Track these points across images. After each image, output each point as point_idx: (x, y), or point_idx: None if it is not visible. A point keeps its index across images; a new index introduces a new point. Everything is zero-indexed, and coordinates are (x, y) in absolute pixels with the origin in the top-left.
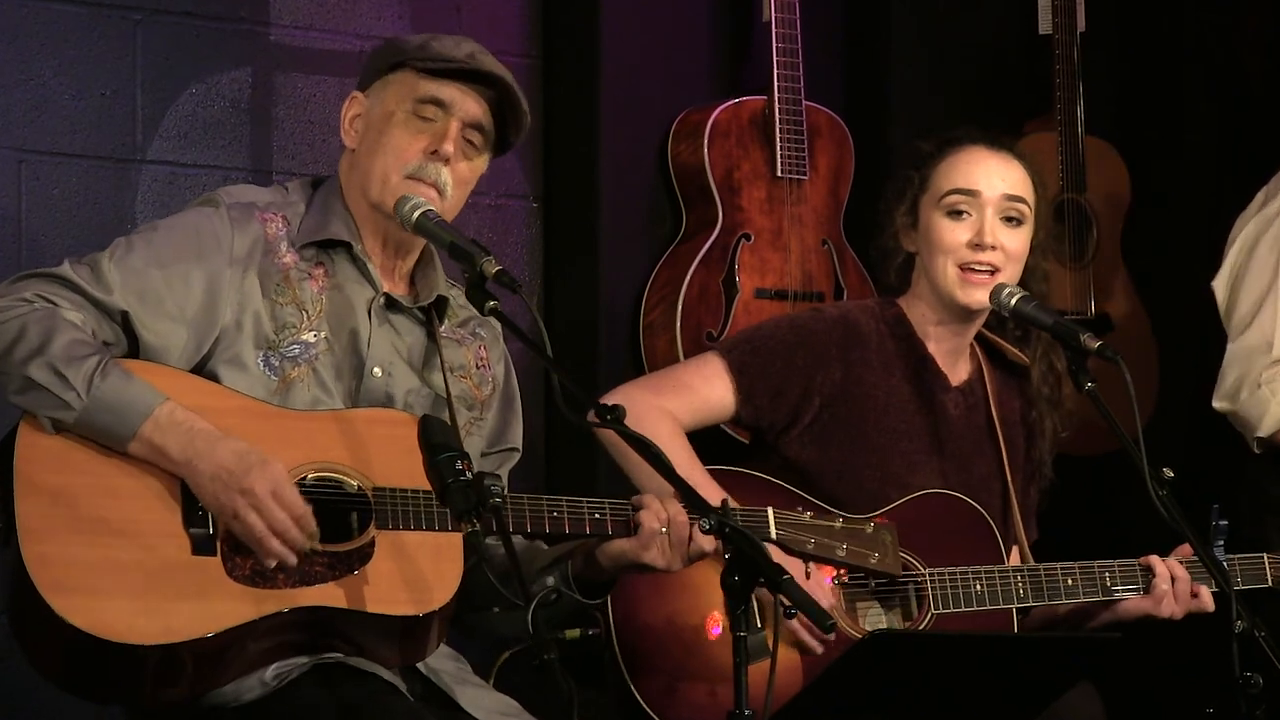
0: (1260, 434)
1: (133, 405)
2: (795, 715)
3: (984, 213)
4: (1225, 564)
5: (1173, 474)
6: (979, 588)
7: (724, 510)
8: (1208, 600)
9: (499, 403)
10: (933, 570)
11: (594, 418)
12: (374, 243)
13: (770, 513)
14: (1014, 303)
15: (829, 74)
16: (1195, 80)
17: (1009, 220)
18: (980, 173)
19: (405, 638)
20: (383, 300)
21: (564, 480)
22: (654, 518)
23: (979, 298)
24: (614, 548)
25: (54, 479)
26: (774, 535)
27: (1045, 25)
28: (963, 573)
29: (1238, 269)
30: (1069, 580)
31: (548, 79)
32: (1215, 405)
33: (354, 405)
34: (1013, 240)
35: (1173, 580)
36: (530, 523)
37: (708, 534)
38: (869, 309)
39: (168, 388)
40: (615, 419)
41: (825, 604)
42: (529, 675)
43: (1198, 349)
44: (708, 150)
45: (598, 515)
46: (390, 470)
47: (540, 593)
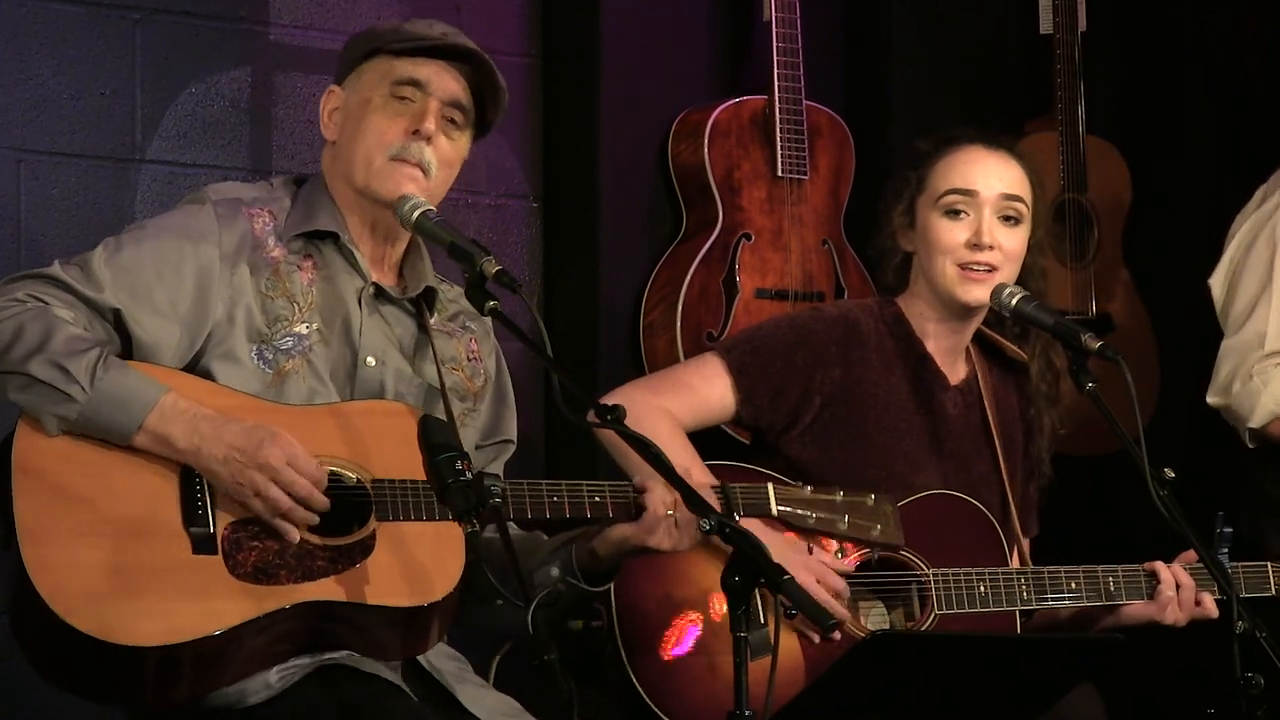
0: (1251, 425)
1: (137, 396)
2: (797, 715)
3: (981, 212)
4: (1229, 570)
5: (1173, 474)
6: (982, 589)
7: (723, 490)
8: (1211, 607)
9: (491, 396)
10: (936, 571)
11: (594, 418)
12: (362, 231)
13: (770, 488)
14: (1015, 303)
15: (829, 74)
16: (1195, 80)
17: (1007, 220)
18: (977, 172)
19: (409, 629)
20: (372, 290)
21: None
22: (659, 502)
23: (978, 295)
24: (616, 534)
25: (53, 481)
26: (775, 511)
27: (1046, 25)
28: (966, 574)
29: (1234, 266)
30: (1072, 584)
31: (548, 79)
32: (1209, 400)
33: (349, 395)
34: (1010, 239)
35: (1178, 587)
36: (530, 509)
37: (709, 534)
38: (868, 308)
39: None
40: (615, 419)
41: (833, 587)
42: (529, 674)
43: (1198, 349)
44: (708, 150)
45: (597, 499)
46: (389, 462)
47: (541, 593)
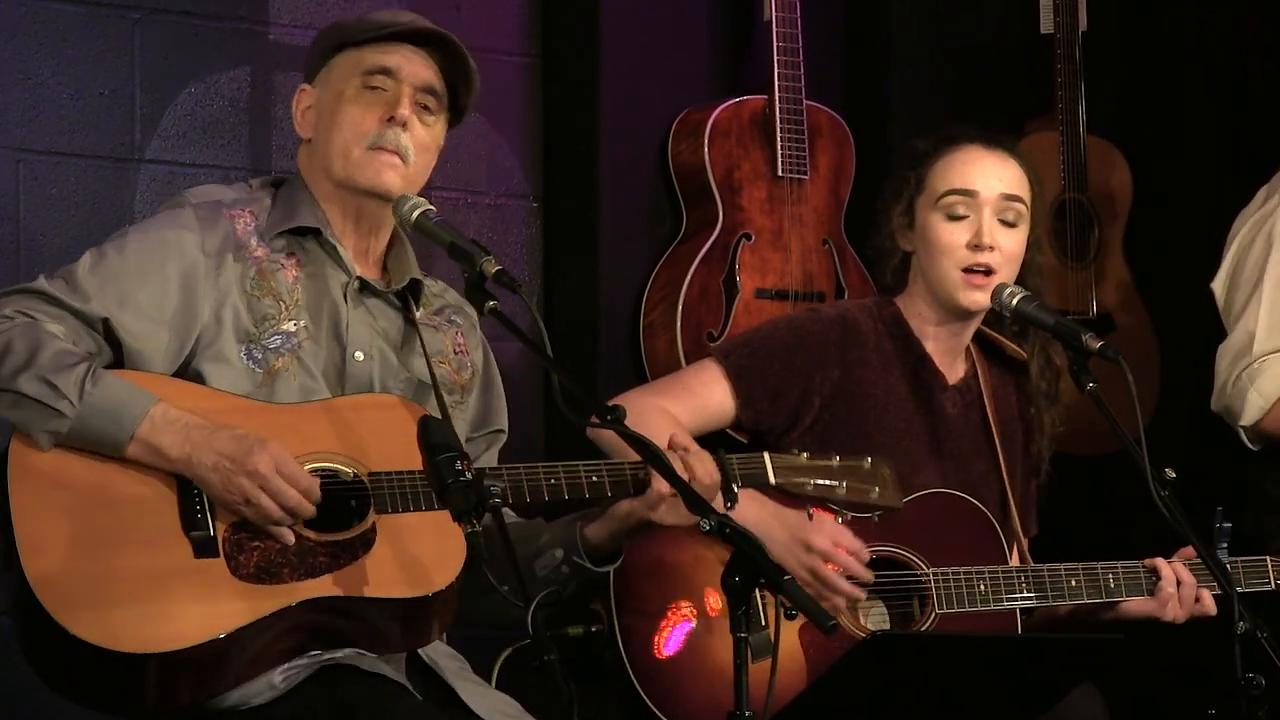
0: (1244, 423)
1: (127, 408)
2: (797, 715)
3: (982, 213)
4: (1228, 566)
5: (1174, 474)
6: (982, 588)
7: (719, 460)
8: (1209, 604)
9: (479, 387)
10: (936, 570)
11: (594, 418)
12: (344, 224)
13: (766, 457)
14: (1015, 303)
15: (830, 73)
16: (1196, 80)
17: (1006, 220)
18: (977, 173)
19: (413, 619)
20: (357, 284)
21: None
22: (662, 478)
23: (979, 299)
24: (621, 509)
25: (49, 496)
26: (772, 480)
27: (1047, 24)
28: (966, 573)
29: (1235, 268)
30: (1072, 581)
31: (548, 79)
32: (1212, 407)
33: (339, 391)
34: (1010, 240)
35: (1178, 584)
36: (529, 492)
37: (709, 534)
38: (867, 308)
39: (155, 393)
40: (615, 419)
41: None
42: (529, 675)
43: (1199, 349)
44: (708, 150)
45: (595, 478)
46: (384, 454)
47: (541, 592)
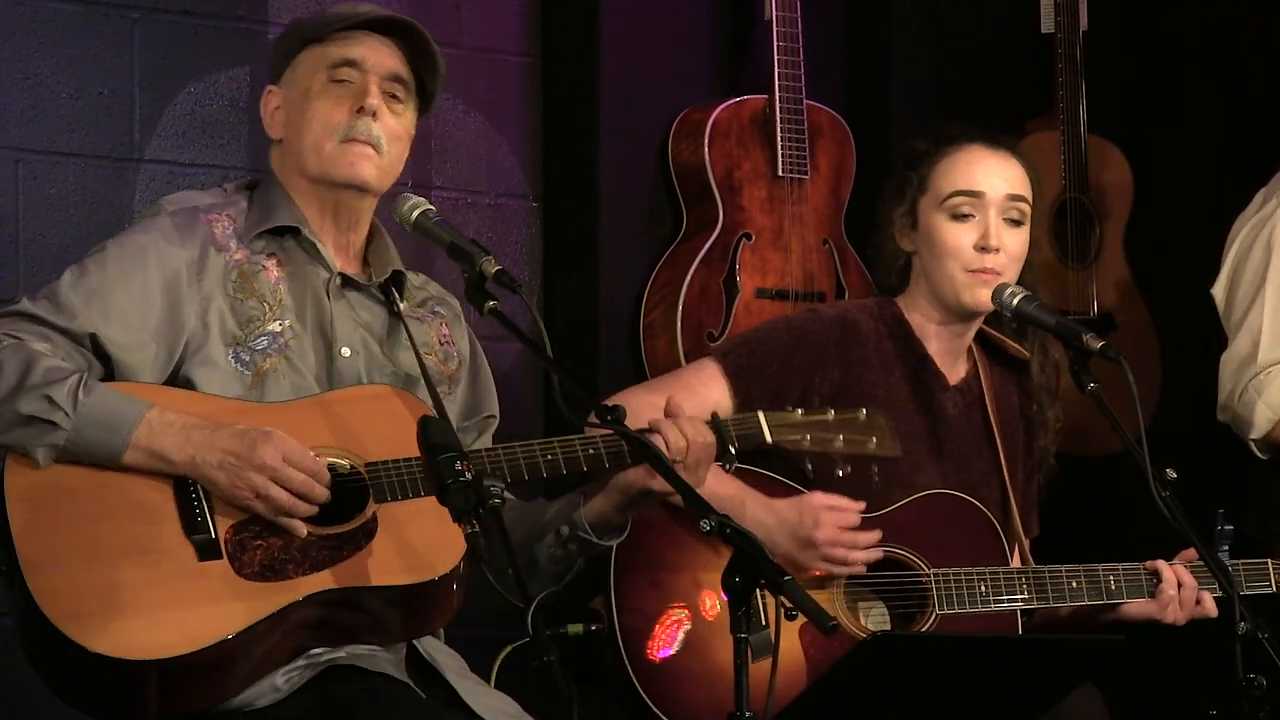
0: (1254, 437)
1: (122, 415)
2: (797, 716)
3: (987, 214)
4: (1230, 568)
5: (1175, 475)
6: (983, 589)
7: (715, 423)
8: (1210, 606)
9: (467, 376)
10: (936, 571)
11: (594, 418)
12: (323, 220)
13: (761, 416)
14: (1016, 303)
15: (830, 73)
16: (1196, 80)
17: (1011, 221)
18: (982, 173)
19: (419, 606)
20: (339, 280)
21: (564, 478)
22: (663, 447)
23: (984, 300)
24: (621, 480)
25: (49, 510)
26: (769, 438)
27: (1047, 24)
28: (967, 573)
29: (1234, 273)
30: (1073, 583)
31: (548, 79)
32: (1219, 417)
33: (328, 387)
34: (1015, 241)
35: (1179, 586)
36: (526, 469)
37: (709, 534)
38: (867, 308)
39: (148, 400)
40: (615, 419)
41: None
42: (529, 675)
43: (1200, 349)
44: (708, 149)
45: (591, 451)
46: (379, 444)
47: (540, 594)
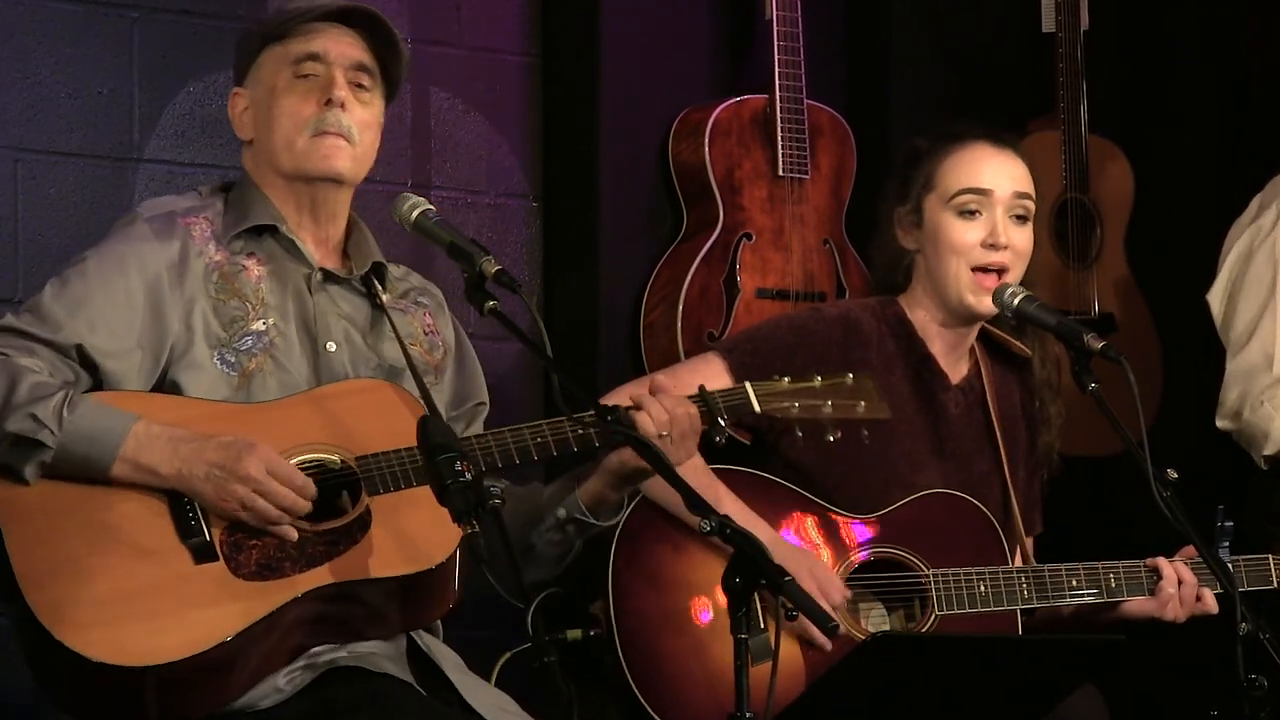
0: (1266, 452)
1: (108, 430)
2: (797, 717)
3: (995, 211)
4: (1230, 565)
5: (1176, 475)
6: (983, 589)
7: (703, 396)
8: (1211, 603)
9: (454, 365)
10: (936, 571)
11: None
12: (300, 217)
13: (749, 386)
14: (1017, 302)
15: (831, 72)
16: (1196, 80)
17: (1017, 218)
18: (988, 171)
19: (416, 596)
20: (320, 275)
21: (560, 459)
22: (648, 423)
23: (986, 306)
24: (614, 460)
25: (41, 525)
26: (757, 408)
27: (1048, 23)
28: (966, 574)
29: (1233, 281)
30: (1074, 581)
31: (548, 79)
32: (1219, 425)
33: (315, 384)
34: (1021, 238)
35: (1179, 583)
36: (517, 454)
37: (709, 535)
38: (869, 308)
39: (135, 410)
40: (615, 419)
41: (837, 596)
42: (529, 681)
43: (1201, 349)
44: (709, 149)
45: (581, 431)
46: (368, 437)
47: (539, 580)
